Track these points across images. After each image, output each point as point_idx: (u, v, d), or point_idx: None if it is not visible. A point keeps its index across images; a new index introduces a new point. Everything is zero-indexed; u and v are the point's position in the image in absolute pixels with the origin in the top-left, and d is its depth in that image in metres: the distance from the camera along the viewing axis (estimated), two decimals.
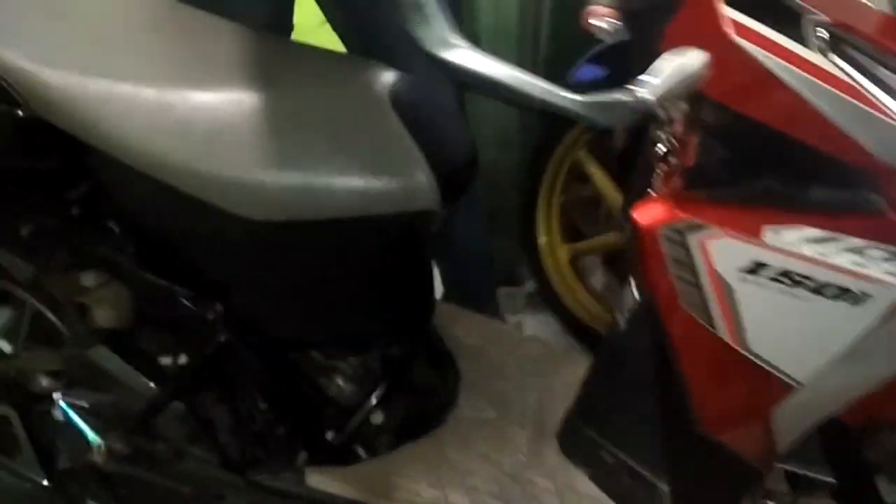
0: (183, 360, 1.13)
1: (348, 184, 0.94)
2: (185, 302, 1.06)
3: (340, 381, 1.15)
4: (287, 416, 1.11)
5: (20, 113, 1.00)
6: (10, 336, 1.31)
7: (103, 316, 1.22)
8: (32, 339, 1.31)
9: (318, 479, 1.08)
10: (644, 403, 1.01)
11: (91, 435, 1.09)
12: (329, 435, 1.12)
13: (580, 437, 1.14)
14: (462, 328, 1.35)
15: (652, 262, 0.81)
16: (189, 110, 0.95)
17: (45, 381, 1.31)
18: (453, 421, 1.20)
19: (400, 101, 0.96)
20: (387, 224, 0.98)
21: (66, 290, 1.21)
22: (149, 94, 0.95)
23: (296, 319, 1.08)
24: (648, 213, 0.80)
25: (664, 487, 1.02)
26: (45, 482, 1.20)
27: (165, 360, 1.14)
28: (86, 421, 1.10)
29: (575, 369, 1.36)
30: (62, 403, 1.12)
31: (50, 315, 1.28)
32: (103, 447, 1.07)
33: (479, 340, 1.35)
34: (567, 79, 1.59)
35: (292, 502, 1.07)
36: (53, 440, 1.20)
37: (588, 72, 1.60)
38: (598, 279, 1.82)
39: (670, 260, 0.79)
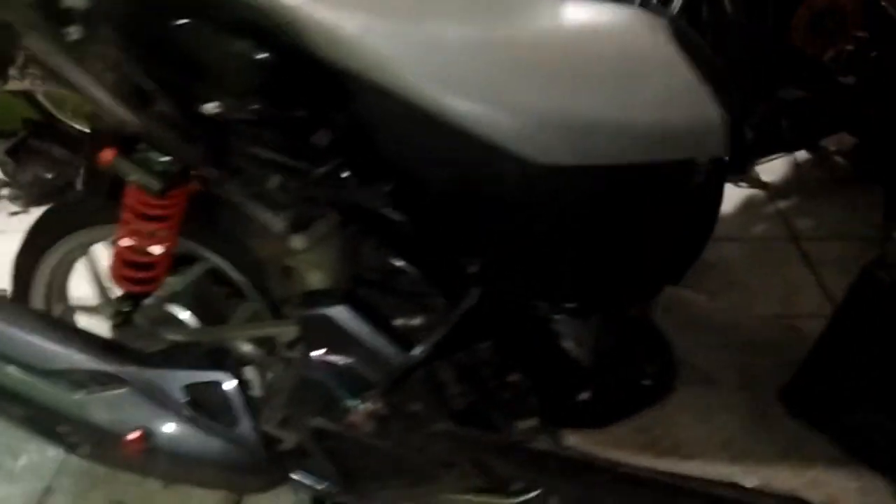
0: (429, 319, 1.09)
1: (641, 125, 0.91)
2: (442, 256, 1.03)
3: (579, 344, 1.12)
4: (537, 377, 1.08)
5: (271, 57, 0.96)
6: (200, 300, 1.27)
7: (313, 278, 1.18)
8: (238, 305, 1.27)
9: (576, 440, 1.06)
10: None
11: (341, 399, 1.04)
12: (575, 397, 1.09)
13: (818, 399, 1.13)
14: None
15: None
16: (477, 49, 0.92)
17: (256, 348, 1.27)
18: (677, 390, 1.19)
19: (686, 41, 0.93)
20: (667, 173, 0.95)
21: (279, 253, 1.17)
22: (439, 32, 0.93)
23: (551, 275, 1.04)
24: None
25: None
26: (264, 450, 1.15)
27: (411, 321, 1.10)
28: (329, 385, 1.05)
29: (774, 329, 1.36)
30: (299, 368, 1.07)
31: (256, 277, 1.24)
32: (359, 409, 1.02)
33: (671, 307, 1.33)
34: None
35: (554, 462, 1.04)
36: (273, 406, 1.15)
37: None
38: None
39: None
